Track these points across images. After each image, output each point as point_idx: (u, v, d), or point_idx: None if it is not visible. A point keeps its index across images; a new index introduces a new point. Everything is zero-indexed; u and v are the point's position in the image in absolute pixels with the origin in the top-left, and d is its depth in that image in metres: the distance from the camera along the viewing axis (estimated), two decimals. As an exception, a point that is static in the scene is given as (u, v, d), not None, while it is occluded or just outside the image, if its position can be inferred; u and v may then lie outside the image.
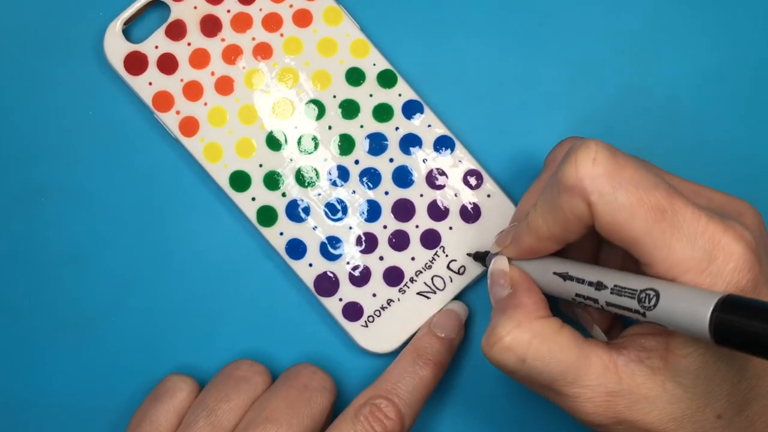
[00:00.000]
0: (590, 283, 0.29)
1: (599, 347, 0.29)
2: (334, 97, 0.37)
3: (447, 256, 0.36)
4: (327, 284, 0.36)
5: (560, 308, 0.35)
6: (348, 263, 0.36)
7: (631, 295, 0.27)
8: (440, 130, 0.37)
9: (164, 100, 0.37)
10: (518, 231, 0.31)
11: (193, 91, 0.37)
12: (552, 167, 0.33)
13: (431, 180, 0.37)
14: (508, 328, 0.29)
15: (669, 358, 0.28)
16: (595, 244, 0.33)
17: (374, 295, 0.36)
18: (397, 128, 0.37)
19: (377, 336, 0.36)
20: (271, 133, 0.37)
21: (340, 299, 0.36)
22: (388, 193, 0.36)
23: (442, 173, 0.37)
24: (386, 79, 0.37)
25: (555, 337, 0.29)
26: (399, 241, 0.36)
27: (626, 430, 0.29)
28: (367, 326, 0.36)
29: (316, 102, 0.37)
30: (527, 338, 0.29)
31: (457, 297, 0.36)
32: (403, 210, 0.36)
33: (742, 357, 0.28)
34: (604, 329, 0.33)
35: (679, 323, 0.25)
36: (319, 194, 0.36)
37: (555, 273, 0.30)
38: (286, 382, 0.34)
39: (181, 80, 0.37)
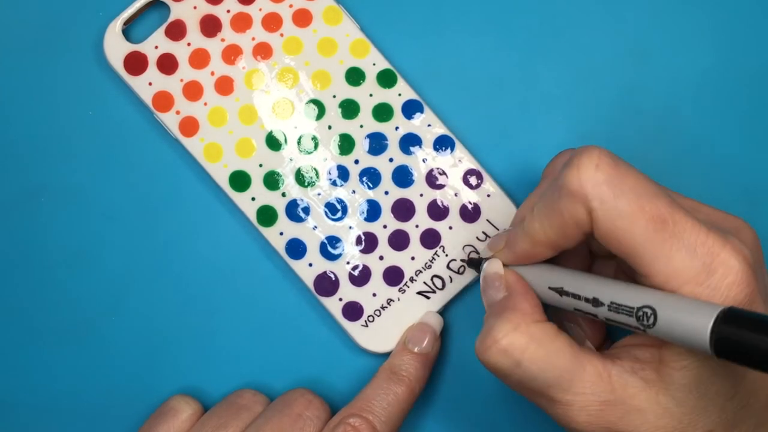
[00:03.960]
0: (586, 300, 0.28)
1: (594, 356, 0.29)
2: (334, 96, 0.37)
3: (447, 255, 0.36)
4: (327, 284, 0.36)
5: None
6: (348, 263, 0.36)
7: (628, 313, 0.27)
8: (440, 129, 0.37)
9: (164, 100, 0.37)
10: (513, 235, 0.31)
11: (193, 91, 0.37)
12: (550, 178, 0.32)
13: (431, 180, 0.37)
14: (505, 331, 0.29)
15: (662, 371, 0.28)
16: (587, 257, 0.33)
17: (374, 294, 0.36)
18: (397, 128, 0.37)
19: (377, 335, 0.36)
20: (271, 133, 0.37)
21: (340, 299, 0.36)
22: (387, 193, 0.36)
23: (442, 173, 0.37)
24: (386, 79, 0.37)
25: (552, 342, 0.29)
26: (399, 241, 0.36)
27: None
28: (367, 326, 0.36)
29: (316, 102, 0.37)
30: (524, 342, 0.29)
31: (457, 297, 0.36)
32: (403, 210, 0.36)
33: (736, 373, 0.27)
34: (596, 344, 0.32)
35: (679, 337, 0.25)
36: (319, 194, 0.36)
37: (551, 288, 0.30)
38: (281, 410, 0.34)
39: (181, 80, 0.37)
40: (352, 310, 0.36)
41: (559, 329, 0.30)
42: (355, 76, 0.37)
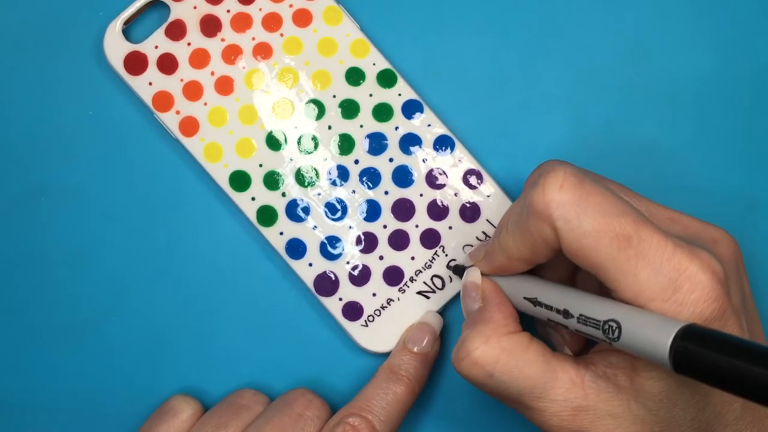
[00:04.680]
0: (558, 311, 0.29)
1: (567, 362, 0.29)
2: (334, 96, 0.37)
3: (447, 255, 0.36)
4: (327, 284, 0.36)
5: (536, 328, 0.35)
6: (348, 263, 0.36)
7: (595, 326, 0.27)
8: (440, 129, 0.37)
9: (164, 100, 0.37)
10: (491, 248, 0.32)
11: (193, 91, 0.37)
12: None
13: (431, 179, 0.37)
14: (477, 344, 0.30)
15: (634, 379, 0.28)
16: (571, 266, 0.33)
17: (374, 294, 0.36)
18: (396, 128, 0.37)
19: (377, 335, 0.36)
20: (271, 133, 0.37)
21: (340, 299, 0.36)
22: (387, 193, 0.36)
23: (442, 173, 0.37)
24: (386, 79, 0.37)
25: (523, 353, 0.29)
26: (399, 241, 0.36)
27: None
28: (367, 326, 0.36)
29: (315, 102, 0.37)
30: (495, 354, 0.29)
31: (457, 297, 0.36)
32: (403, 209, 0.36)
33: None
34: (576, 350, 0.33)
35: (642, 351, 0.26)
36: (319, 194, 0.36)
37: (525, 298, 0.31)
38: (282, 410, 0.34)
39: (181, 80, 0.37)
40: (352, 310, 0.36)
41: (532, 339, 0.30)
42: (355, 76, 0.37)
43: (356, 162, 0.37)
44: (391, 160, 0.37)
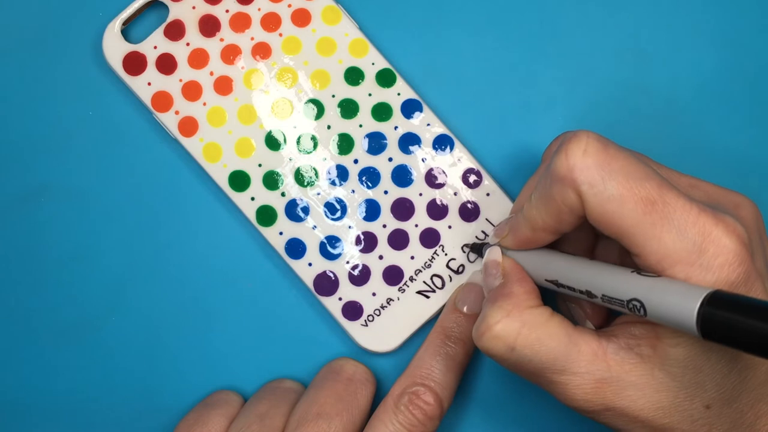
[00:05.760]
0: (581, 292, 0.29)
1: (589, 335, 0.29)
2: (333, 96, 0.37)
3: (446, 254, 0.36)
4: (326, 284, 0.36)
5: (557, 303, 0.35)
6: (347, 262, 0.36)
7: (620, 305, 0.27)
8: (439, 128, 0.37)
9: (163, 101, 0.37)
10: (515, 222, 0.32)
11: (192, 91, 0.37)
12: (548, 162, 0.33)
13: (430, 179, 0.37)
14: (498, 317, 0.30)
15: (658, 347, 0.28)
16: (591, 237, 0.33)
17: (374, 294, 0.36)
18: (396, 127, 0.37)
19: (377, 335, 0.36)
20: (270, 132, 0.37)
21: (340, 298, 0.36)
22: (387, 193, 0.36)
23: (442, 172, 0.37)
24: (385, 79, 0.37)
25: (544, 326, 0.29)
26: (398, 240, 0.36)
27: (614, 417, 0.29)
28: (366, 325, 0.36)
29: (315, 101, 0.37)
30: (516, 327, 0.29)
31: (457, 296, 0.36)
32: (403, 209, 0.36)
33: (732, 349, 0.28)
34: (597, 324, 0.33)
35: (669, 321, 0.25)
36: (319, 194, 0.36)
37: (547, 280, 0.31)
38: (332, 377, 0.34)
39: (180, 80, 0.37)
40: (352, 310, 0.36)
41: (554, 312, 0.30)
42: (354, 76, 0.37)
43: (355, 161, 0.37)
44: (390, 159, 0.37)
